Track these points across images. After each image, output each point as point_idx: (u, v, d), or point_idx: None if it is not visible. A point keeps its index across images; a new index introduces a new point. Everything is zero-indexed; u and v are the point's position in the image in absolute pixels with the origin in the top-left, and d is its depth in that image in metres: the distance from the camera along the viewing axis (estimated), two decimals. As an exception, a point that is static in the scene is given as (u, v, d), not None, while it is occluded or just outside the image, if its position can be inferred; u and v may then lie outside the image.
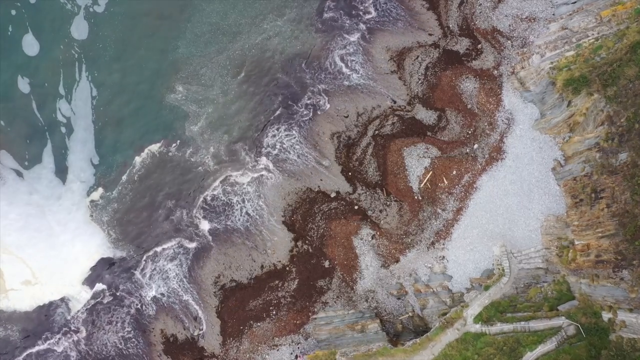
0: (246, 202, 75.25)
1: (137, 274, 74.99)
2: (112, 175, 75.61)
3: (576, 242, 64.32)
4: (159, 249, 75.11)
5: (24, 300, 74.43)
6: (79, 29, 75.87)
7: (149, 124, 76.07)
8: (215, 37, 76.97)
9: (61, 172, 75.54)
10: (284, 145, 75.56)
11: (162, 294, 74.72)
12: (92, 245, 74.80)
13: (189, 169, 76.00)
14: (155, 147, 75.66)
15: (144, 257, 75.22)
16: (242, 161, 76.11)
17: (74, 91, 75.27)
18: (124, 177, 75.34)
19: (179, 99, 75.94)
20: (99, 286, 74.41)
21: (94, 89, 75.51)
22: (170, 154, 75.33)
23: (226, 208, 75.50)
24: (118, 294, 74.79)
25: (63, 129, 75.59)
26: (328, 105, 76.47)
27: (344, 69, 76.97)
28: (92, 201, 74.99)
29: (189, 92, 76.00)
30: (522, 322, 62.96)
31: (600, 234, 61.26)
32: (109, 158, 75.65)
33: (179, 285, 74.87)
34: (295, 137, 75.74)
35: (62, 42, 75.26)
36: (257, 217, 75.24)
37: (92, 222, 75.13)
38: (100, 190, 75.26)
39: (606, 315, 59.72)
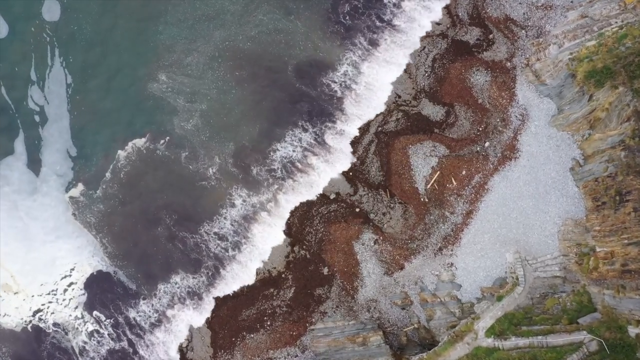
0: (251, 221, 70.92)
1: (139, 302, 70.53)
2: (93, 170, 70.68)
3: (598, 249, 59.37)
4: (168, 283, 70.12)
5: (9, 311, 69.65)
6: (51, 10, 70.97)
7: (131, 115, 70.99)
8: (200, 23, 71.50)
9: (34, 163, 70.76)
10: (297, 157, 70.78)
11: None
12: (82, 254, 70.21)
13: (190, 179, 70.45)
14: (140, 142, 70.55)
15: (152, 288, 70.41)
16: (256, 180, 70.66)
17: (47, 77, 70.47)
18: (108, 174, 70.25)
19: (163, 90, 70.76)
20: (95, 312, 69.85)
21: (69, 75, 70.53)
22: (158, 152, 70.26)
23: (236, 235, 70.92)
24: (112, 315, 70.27)
25: (37, 118, 70.75)
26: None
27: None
28: (71, 197, 70.10)
29: (174, 83, 70.89)
30: (539, 337, 58.11)
31: (626, 241, 56.10)
32: (87, 150, 70.74)
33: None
34: (308, 145, 71.03)
35: (32, 24, 70.32)
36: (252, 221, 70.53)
37: (77, 223, 70.15)
38: (81, 186, 70.32)
39: (633, 331, 54.63)
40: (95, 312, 68.98)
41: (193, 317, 69.31)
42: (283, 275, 69.79)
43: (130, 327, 69.42)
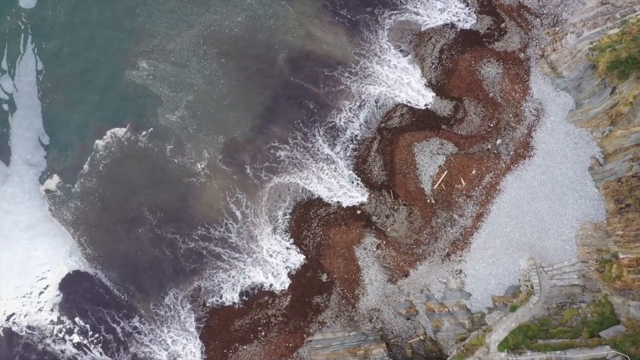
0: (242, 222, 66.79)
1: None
2: (69, 161, 67.02)
3: (621, 256, 54.79)
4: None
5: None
6: (28, -2, 68.87)
7: (109, 104, 67.64)
8: (182, 7, 67.71)
9: (3, 152, 67.30)
10: (293, 156, 66.86)
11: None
12: (60, 254, 66.42)
13: (176, 175, 66.62)
14: (120, 132, 66.91)
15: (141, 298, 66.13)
16: (251, 181, 66.45)
17: (18, 65, 67.33)
18: (86, 166, 66.54)
19: (144, 77, 67.12)
20: (77, 319, 65.83)
21: (40, 62, 67.46)
22: (141, 143, 66.61)
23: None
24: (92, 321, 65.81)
25: (5, 107, 67.32)
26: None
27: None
28: (47, 191, 66.53)
29: (157, 71, 67.17)
30: (558, 351, 53.40)
31: (654, 247, 51.31)
32: (61, 139, 67.09)
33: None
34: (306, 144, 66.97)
35: (8, 12, 67.48)
36: (246, 226, 66.40)
37: (54, 220, 66.53)
38: (56, 178, 66.70)
39: (663, 346, 49.82)
40: (77, 319, 65.28)
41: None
42: (280, 283, 65.58)
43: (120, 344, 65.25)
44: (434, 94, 66.44)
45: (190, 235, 65.77)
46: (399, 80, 66.76)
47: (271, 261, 65.40)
